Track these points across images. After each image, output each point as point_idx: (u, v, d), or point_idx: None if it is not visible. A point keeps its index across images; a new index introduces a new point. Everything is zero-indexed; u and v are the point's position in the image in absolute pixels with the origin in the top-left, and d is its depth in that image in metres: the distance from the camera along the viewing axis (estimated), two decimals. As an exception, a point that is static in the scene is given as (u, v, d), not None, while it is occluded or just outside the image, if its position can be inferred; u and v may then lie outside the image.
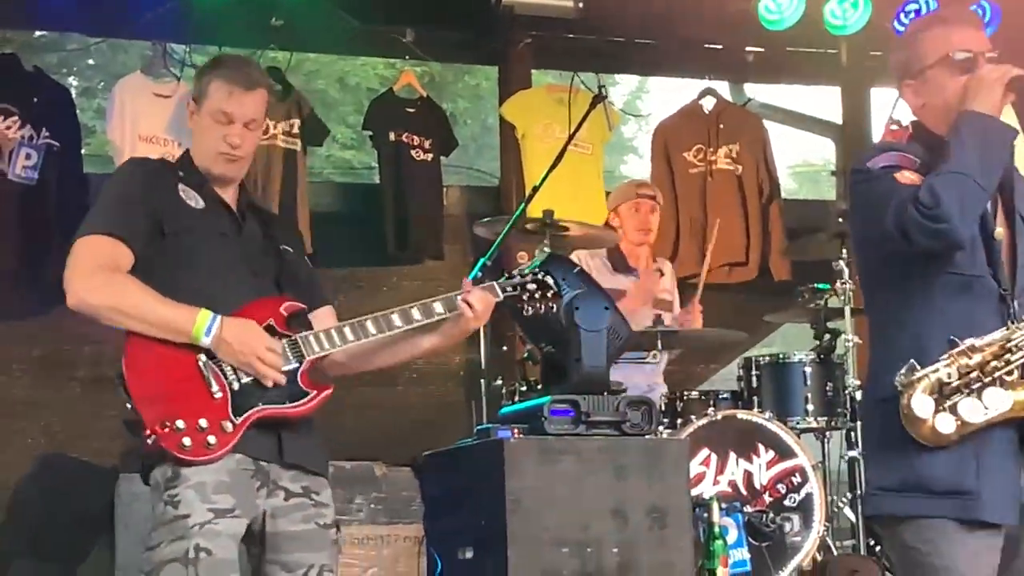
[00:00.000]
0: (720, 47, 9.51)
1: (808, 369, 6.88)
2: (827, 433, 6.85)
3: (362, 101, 10.18)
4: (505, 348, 7.58)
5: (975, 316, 3.97)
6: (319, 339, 4.38)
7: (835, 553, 6.37)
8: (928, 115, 4.15)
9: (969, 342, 3.90)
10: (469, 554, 5.69)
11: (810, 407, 6.82)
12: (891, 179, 3.98)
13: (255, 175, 8.07)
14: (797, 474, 6.50)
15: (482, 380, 6.65)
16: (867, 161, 4.08)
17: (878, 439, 4.10)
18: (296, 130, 8.52)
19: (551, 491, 5.60)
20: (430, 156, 8.85)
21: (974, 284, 4.00)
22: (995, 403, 3.89)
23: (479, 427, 6.01)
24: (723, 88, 9.87)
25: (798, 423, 6.76)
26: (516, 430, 5.74)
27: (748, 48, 9.31)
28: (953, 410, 3.89)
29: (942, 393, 3.89)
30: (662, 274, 7.75)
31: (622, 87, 27.39)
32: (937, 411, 3.88)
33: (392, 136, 8.79)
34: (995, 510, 3.92)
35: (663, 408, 6.78)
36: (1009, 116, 4.12)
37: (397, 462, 6.80)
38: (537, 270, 4.67)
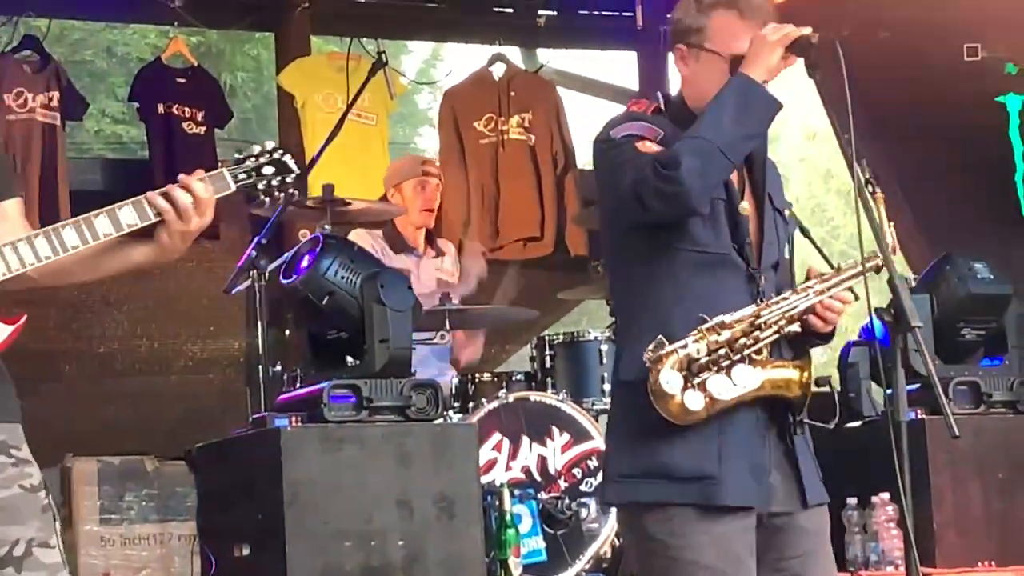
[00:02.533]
0: (511, 10, 9.57)
1: (604, 347, 6.93)
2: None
3: (132, 72, 10.05)
4: (288, 332, 7.56)
5: (722, 294, 4.02)
6: (5, 256, 3.73)
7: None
8: (689, 86, 4.18)
9: (719, 319, 3.95)
10: (246, 551, 5.69)
11: (607, 387, 6.87)
12: (632, 146, 4.00)
13: (14, 151, 7.98)
14: (594, 457, 6.56)
15: (260, 366, 6.62)
16: (609, 131, 4.12)
17: (620, 425, 4.16)
18: (55, 103, 8.41)
19: (332, 482, 5.62)
20: (203, 129, 8.82)
21: (720, 261, 4.05)
22: (744, 380, 3.96)
23: (254, 416, 6.00)
24: (515, 54, 9.91)
25: (594, 404, 6.81)
26: (294, 418, 5.74)
27: (540, 12, 9.38)
28: (702, 387, 3.94)
29: (691, 370, 3.93)
30: (444, 254, 7.76)
31: (416, 55, 27.36)
32: (686, 387, 3.93)
33: (161, 108, 8.75)
34: (738, 494, 3.99)
35: (452, 392, 6.80)
36: (783, 83, 4.19)
37: (170, 456, 6.76)
38: (270, 148, 4.08)
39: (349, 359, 5.97)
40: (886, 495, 6.09)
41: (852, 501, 6.18)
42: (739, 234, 4.09)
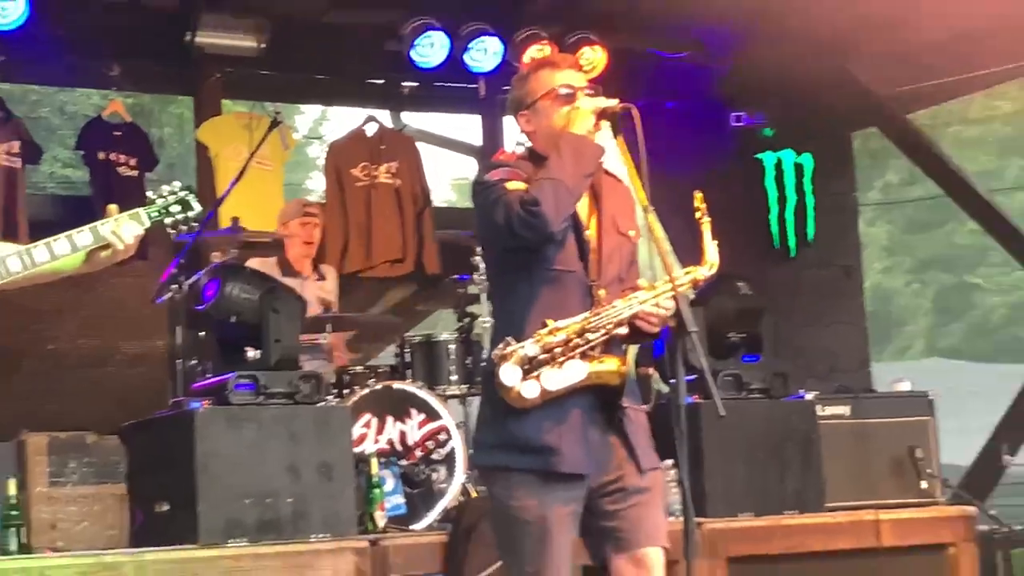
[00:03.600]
0: (382, 82, 9.55)
1: (452, 346, 6.93)
2: (467, 398, 6.89)
3: (79, 126, 9.91)
4: (202, 334, 7.47)
5: (566, 303, 4.08)
6: (21, 256, 3.94)
7: (473, 496, 6.42)
8: (537, 140, 4.26)
9: (555, 323, 4.00)
10: (165, 508, 5.61)
11: (453, 377, 6.87)
12: (502, 187, 4.07)
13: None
14: (443, 432, 6.54)
15: (178, 361, 6.52)
16: (484, 175, 4.17)
17: (485, 404, 4.19)
18: (16, 150, 8.27)
19: (235, 452, 5.58)
20: (135, 172, 8.70)
21: (566, 277, 4.12)
22: (573, 373, 4.00)
23: (174, 400, 5.94)
24: (384, 116, 9.89)
25: (444, 390, 6.80)
26: (206, 402, 5.69)
27: (404, 83, 9.36)
28: (538, 379, 3.98)
29: (531, 365, 3.98)
30: (324, 278, 7.73)
31: (307, 115, 27.29)
32: (524, 379, 3.97)
33: (101, 155, 8.62)
34: (572, 463, 4.02)
35: (332, 382, 6.74)
36: (604, 138, 4.23)
37: (107, 432, 6.64)
38: (178, 189, 4.30)
39: (250, 355, 5.93)
40: (669, 461, 6.11)
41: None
42: (583, 254, 4.12)
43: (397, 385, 6.63)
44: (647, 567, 4.14)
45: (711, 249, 4.19)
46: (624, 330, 4.10)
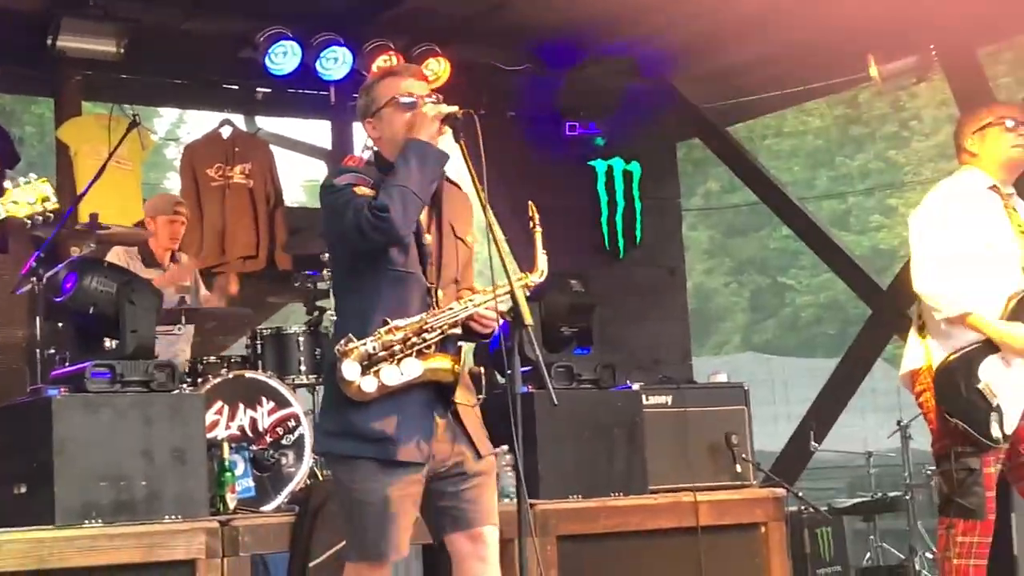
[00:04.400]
0: (237, 87, 9.45)
1: (302, 338, 6.85)
2: (316, 388, 6.83)
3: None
4: (61, 324, 7.31)
5: (406, 303, 4.11)
6: None
7: (320, 479, 6.38)
8: (383, 145, 4.26)
9: (394, 323, 4.02)
10: (23, 490, 5.48)
11: (303, 367, 6.79)
12: (351, 191, 4.06)
13: None
14: (292, 419, 6.46)
15: (38, 350, 6.37)
16: (333, 179, 4.16)
17: (329, 393, 4.19)
18: None
19: (91, 437, 5.45)
20: (-6, 171, 8.48)
21: (407, 278, 4.13)
22: (409, 370, 4.03)
23: (32, 387, 5.80)
24: (239, 120, 9.78)
25: (294, 380, 6.72)
26: (63, 389, 5.57)
27: (258, 88, 9.27)
28: (376, 374, 3.99)
29: (370, 361, 4.00)
30: (180, 264, 7.64)
31: (166, 118, 26.86)
32: (364, 374, 3.99)
33: (-36, 153, 8.40)
34: (408, 452, 4.05)
35: (187, 370, 6.64)
36: (447, 143, 4.24)
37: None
38: (34, 179, 4.33)
39: (107, 345, 5.83)
40: (505, 447, 6.14)
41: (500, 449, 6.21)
42: (423, 258, 4.13)
43: (249, 374, 6.55)
44: (483, 543, 4.20)
45: (542, 258, 4.25)
46: (459, 330, 4.14)
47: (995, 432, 5.08)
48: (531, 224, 4.27)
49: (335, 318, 4.44)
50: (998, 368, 5.12)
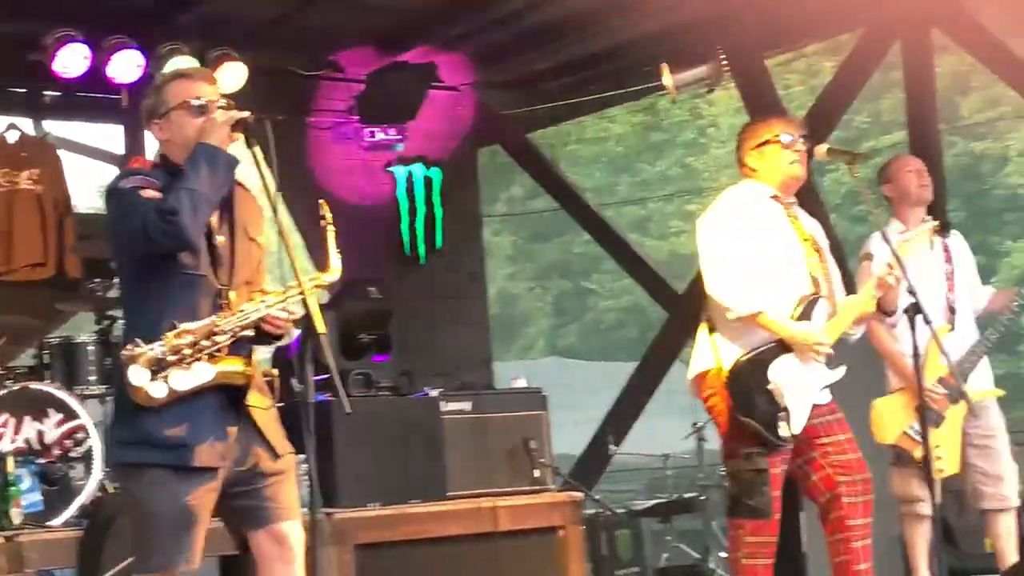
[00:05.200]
0: (24, 90, 9.18)
1: (91, 347, 6.73)
2: (107, 398, 6.69)
3: None
4: None
5: (197, 306, 4.06)
6: None
7: (111, 492, 6.25)
8: (171, 148, 4.20)
9: (184, 326, 3.97)
10: None
11: (92, 377, 6.67)
12: (137, 195, 4.00)
13: None
14: (81, 431, 6.33)
15: None
16: (119, 182, 4.10)
17: (120, 402, 4.12)
18: None
19: None
20: None
21: (197, 281, 4.08)
22: (200, 374, 3.98)
23: None
24: (26, 124, 9.50)
25: (83, 390, 6.59)
26: None
27: (46, 92, 9.03)
28: (166, 379, 3.94)
29: (160, 366, 3.93)
30: None
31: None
32: (153, 380, 3.92)
33: None
34: (204, 457, 4.00)
35: (-31, 384, 6.44)
36: (238, 149, 4.19)
37: None
38: None
39: None
40: (301, 457, 6.09)
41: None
42: (215, 260, 4.07)
43: (34, 385, 6.39)
44: (285, 539, 4.17)
45: (335, 256, 4.23)
46: (251, 333, 4.10)
47: (783, 432, 5.23)
48: (323, 223, 4.25)
49: (124, 324, 4.35)
50: (788, 369, 5.27)
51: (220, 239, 4.15)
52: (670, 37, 9.08)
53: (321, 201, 4.26)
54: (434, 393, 7.05)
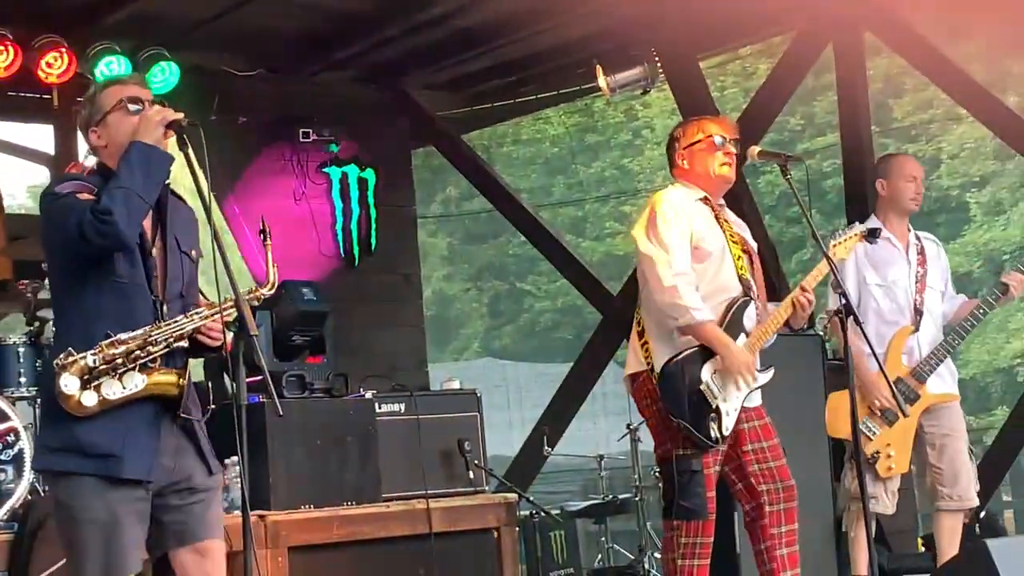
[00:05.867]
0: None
1: (21, 349, 6.65)
2: (37, 401, 6.61)
3: None
4: None
5: (133, 316, 4.05)
6: None
7: (41, 495, 6.19)
8: (107, 154, 4.19)
9: (118, 336, 3.97)
10: None
11: (23, 380, 6.59)
12: (74, 198, 3.99)
13: None
14: (12, 434, 6.26)
15: None
16: (55, 187, 4.09)
17: (46, 407, 4.10)
18: None
19: None
20: None
21: (132, 290, 4.07)
22: (131, 384, 3.99)
23: None
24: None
25: (13, 392, 6.53)
26: None
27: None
28: (97, 388, 3.93)
29: (92, 375, 3.94)
30: None
31: None
32: (84, 388, 3.92)
33: None
34: (134, 469, 3.99)
35: None
36: (171, 151, 4.19)
37: None
38: None
39: None
40: (235, 458, 6.07)
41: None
42: (149, 270, 4.06)
43: (-38, 390, 6.33)
44: (210, 556, 4.17)
45: (272, 271, 4.25)
46: (185, 343, 4.10)
47: (714, 433, 5.28)
48: (262, 238, 4.26)
49: (55, 331, 4.33)
50: (719, 370, 5.32)
51: (154, 250, 4.14)
52: (605, 39, 9.13)
53: (262, 217, 4.29)
54: (368, 395, 7.05)
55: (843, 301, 5.16)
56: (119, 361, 3.95)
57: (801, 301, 5.38)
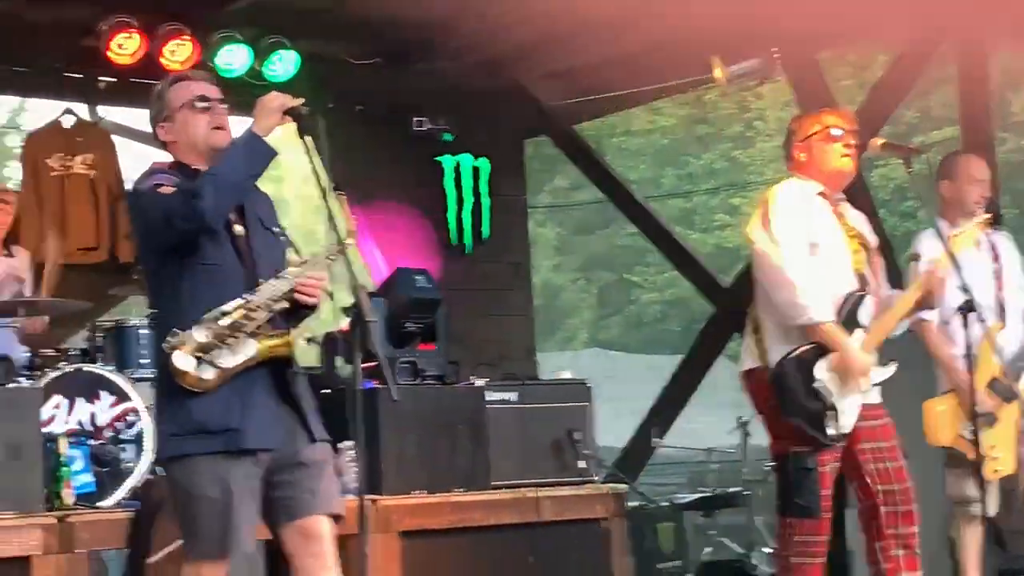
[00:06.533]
0: (80, 76, 9.27)
1: (142, 331, 6.79)
2: (157, 381, 6.74)
3: None
4: None
5: (226, 294, 4.09)
6: None
7: (160, 474, 6.31)
8: (178, 149, 4.27)
9: (220, 309, 4.01)
10: None
11: (144, 360, 6.72)
12: (155, 190, 4.06)
13: None
14: (132, 414, 6.41)
15: None
16: (140, 183, 4.16)
17: (164, 393, 4.16)
18: None
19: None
20: None
21: (224, 272, 4.15)
22: (245, 350, 4.04)
23: None
24: (81, 109, 9.60)
25: (133, 373, 6.66)
26: None
27: (100, 78, 9.11)
28: (212, 362, 3.98)
29: (204, 350, 3.98)
30: (14, 256, 7.47)
31: (5, 106, 26.30)
32: (199, 364, 3.97)
33: None
34: (255, 439, 4.03)
35: (25, 364, 6.52)
36: (288, 134, 4.24)
37: None
38: None
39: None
40: (350, 443, 6.13)
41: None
42: (236, 249, 4.11)
43: (87, 368, 6.46)
44: (315, 534, 4.19)
45: (348, 221, 4.25)
46: (286, 304, 4.14)
47: (831, 430, 5.22)
48: (337, 191, 4.32)
49: (153, 320, 4.41)
50: (836, 366, 5.26)
51: (239, 229, 4.19)
52: (721, 31, 9.05)
53: (330, 178, 4.33)
54: (479, 383, 7.08)
55: (966, 296, 5.07)
56: (227, 332, 4.01)
57: (932, 282, 5.28)
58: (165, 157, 4.32)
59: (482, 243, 10.11)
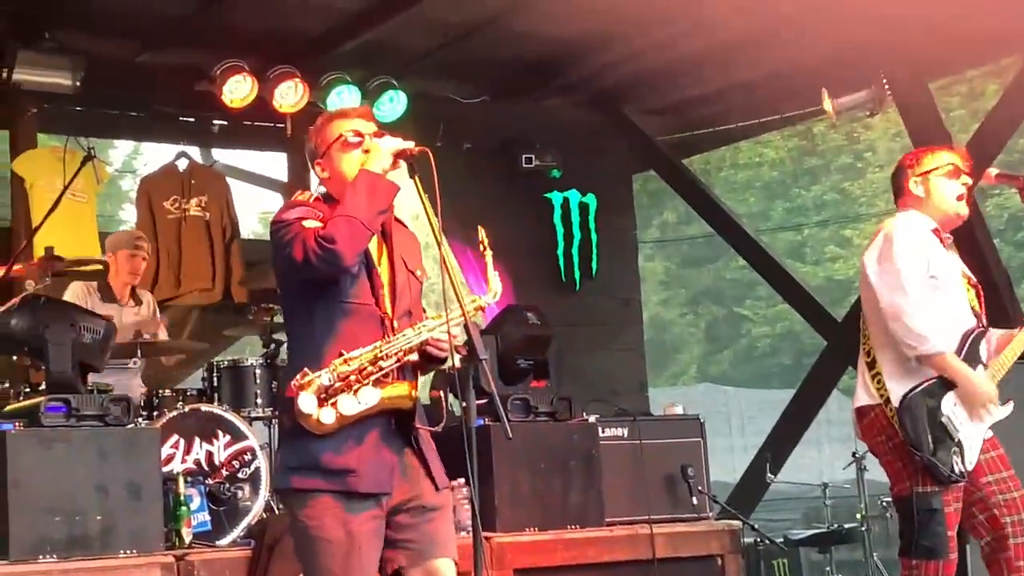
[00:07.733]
0: (193, 120, 9.44)
1: (258, 371, 6.87)
2: (272, 421, 6.83)
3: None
4: (16, 358, 7.28)
5: (360, 335, 4.09)
6: None
7: (276, 513, 6.37)
8: (332, 185, 4.27)
9: (349, 354, 4.01)
10: (-24, 526, 5.45)
11: (259, 400, 6.80)
12: (300, 224, 4.07)
13: None
14: (248, 453, 6.47)
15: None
16: (283, 214, 4.17)
17: (287, 428, 4.17)
18: None
19: (45, 472, 5.45)
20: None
21: (360, 310, 4.12)
22: (367, 399, 4.02)
23: (-15, 422, 5.78)
24: (195, 152, 9.78)
25: (250, 413, 6.73)
26: (17, 423, 5.55)
27: (214, 121, 9.27)
28: (334, 405, 3.98)
29: (328, 393, 3.98)
30: (140, 303, 7.61)
31: (121, 150, 26.79)
32: (321, 407, 3.97)
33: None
34: (372, 483, 4.03)
35: (142, 404, 6.63)
36: (401, 178, 4.26)
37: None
38: None
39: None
40: (461, 480, 6.14)
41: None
42: (375, 289, 4.13)
43: (204, 408, 6.54)
44: None
45: (494, 279, 4.24)
46: (415, 357, 4.14)
47: (958, 467, 5.11)
48: (481, 247, 4.29)
49: (288, 352, 4.44)
50: (958, 402, 5.16)
51: (380, 269, 4.21)
52: (829, 63, 8.99)
53: (480, 228, 4.31)
54: (592, 419, 7.06)
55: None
56: (352, 378, 4.02)
57: None
58: (275, 200, 4.34)
59: (592, 279, 10.10)
